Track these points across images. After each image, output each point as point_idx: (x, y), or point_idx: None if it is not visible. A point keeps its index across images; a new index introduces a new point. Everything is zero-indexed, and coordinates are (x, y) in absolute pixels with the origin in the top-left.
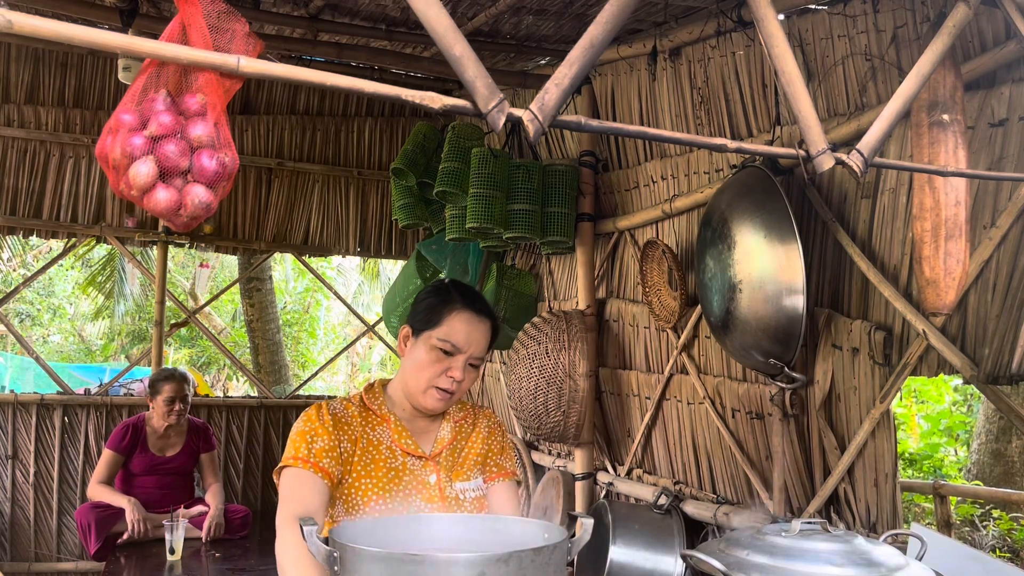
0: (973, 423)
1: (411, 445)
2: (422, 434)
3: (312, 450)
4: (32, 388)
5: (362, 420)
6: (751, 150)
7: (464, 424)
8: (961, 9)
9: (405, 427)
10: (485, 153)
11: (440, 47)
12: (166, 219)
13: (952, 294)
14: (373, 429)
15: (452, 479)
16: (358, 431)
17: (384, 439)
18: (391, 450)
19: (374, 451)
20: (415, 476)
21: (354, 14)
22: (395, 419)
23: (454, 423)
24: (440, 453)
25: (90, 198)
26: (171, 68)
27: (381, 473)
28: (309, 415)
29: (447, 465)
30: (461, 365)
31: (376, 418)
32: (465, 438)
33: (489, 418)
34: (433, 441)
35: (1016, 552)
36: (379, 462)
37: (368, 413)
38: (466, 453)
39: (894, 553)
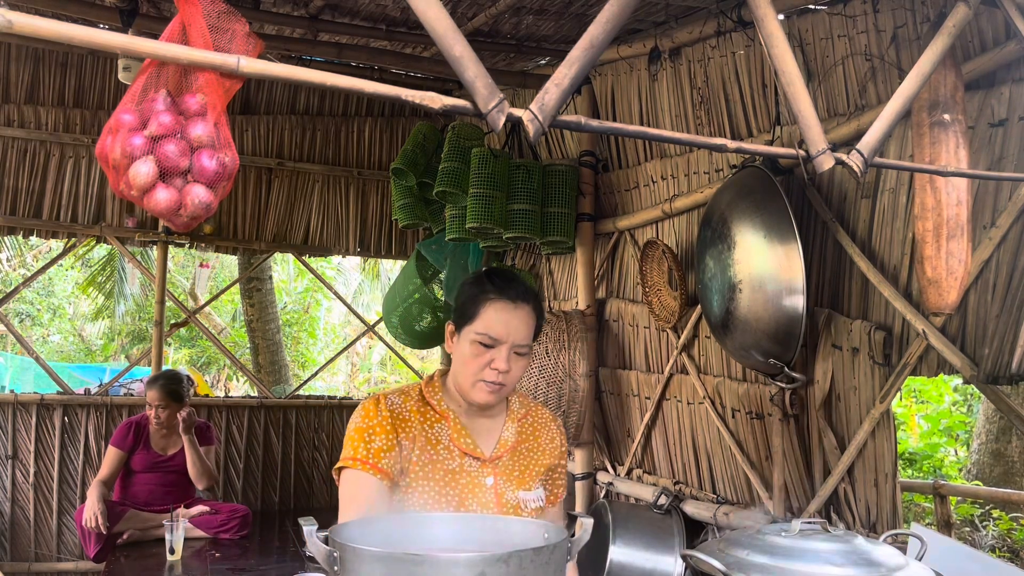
0: (973, 423)
1: (470, 445)
2: (484, 433)
3: (371, 450)
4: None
5: (420, 416)
6: (751, 150)
7: (526, 424)
8: (961, 9)
9: (464, 425)
10: (485, 153)
11: (440, 47)
12: (166, 219)
13: (954, 294)
14: (432, 426)
15: (515, 486)
16: (416, 428)
17: (443, 437)
18: (448, 450)
19: (432, 451)
20: (472, 479)
21: (354, 14)
22: (454, 416)
23: (518, 423)
24: (501, 456)
25: (90, 198)
26: (171, 68)
27: (439, 475)
28: (367, 410)
29: (508, 469)
30: (504, 356)
31: (435, 415)
32: (531, 442)
33: (558, 426)
34: (496, 442)
35: (1016, 552)
36: (436, 463)
37: (427, 409)
38: (532, 461)
39: (894, 553)
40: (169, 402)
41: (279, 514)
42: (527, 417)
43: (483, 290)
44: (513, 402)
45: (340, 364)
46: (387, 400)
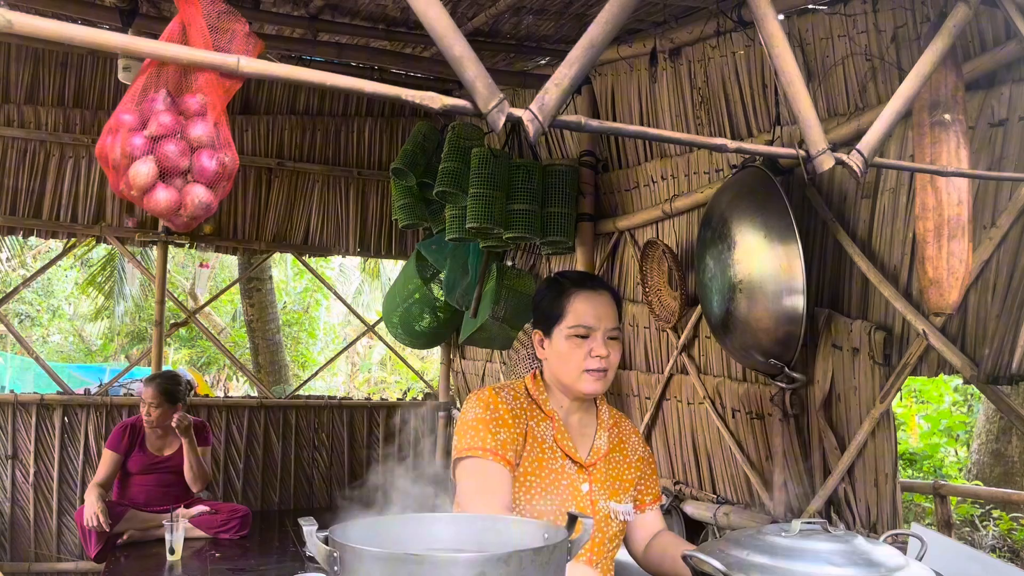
0: (973, 423)
1: (571, 448)
2: (579, 438)
3: (498, 440)
4: (32, 388)
5: (528, 412)
6: (751, 150)
7: (615, 434)
8: (961, 9)
9: (565, 428)
10: (485, 153)
11: (440, 47)
12: (166, 219)
13: (955, 294)
14: (539, 424)
15: (608, 495)
16: (527, 424)
17: (547, 437)
18: (553, 450)
19: (539, 449)
20: (571, 482)
21: (354, 14)
22: (557, 417)
23: (608, 431)
24: (595, 463)
25: (90, 198)
26: (171, 68)
27: (545, 473)
28: (487, 403)
29: (602, 477)
30: (601, 341)
31: (541, 413)
32: (620, 452)
33: (639, 438)
34: (590, 448)
35: (1016, 552)
36: (543, 461)
37: (534, 407)
38: (621, 473)
39: (894, 553)
40: (162, 401)
41: (279, 514)
42: (615, 427)
43: (563, 289)
44: (603, 411)
45: (340, 364)
46: (501, 395)
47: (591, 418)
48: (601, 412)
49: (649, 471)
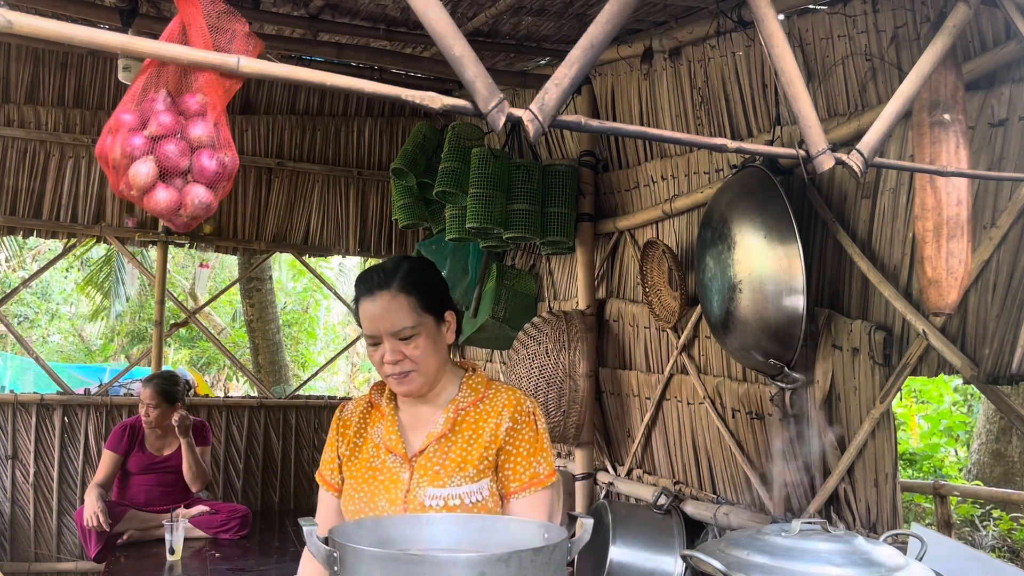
0: (973, 423)
1: (394, 441)
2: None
3: (323, 462)
4: (32, 388)
5: (362, 419)
6: (751, 150)
7: (473, 413)
8: (961, 9)
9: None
10: (485, 153)
11: (440, 47)
12: (166, 219)
13: (954, 294)
14: (372, 426)
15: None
16: (353, 431)
17: (375, 437)
18: (376, 448)
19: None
20: (390, 475)
21: (354, 14)
22: (391, 412)
23: (456, 412)
24: (424, 450)
25: (90, 198)
26: (171, 68)
27: (360, 475)
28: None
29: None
30: (389, 347)
31: (377, 414)
32: (472, 430)
33: (515, 406)
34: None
35: (1016, 552)
36: (363, 461)
37: (371, 409)
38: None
39: (894, 553)
40: (160, 401)
41: (279, 514)
42: (478, 404)
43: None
44: (463, 390)
45: (340, 364)
46: (343, 408)
47: (442, 400)
48: (461, 390)
49: (520, 452)
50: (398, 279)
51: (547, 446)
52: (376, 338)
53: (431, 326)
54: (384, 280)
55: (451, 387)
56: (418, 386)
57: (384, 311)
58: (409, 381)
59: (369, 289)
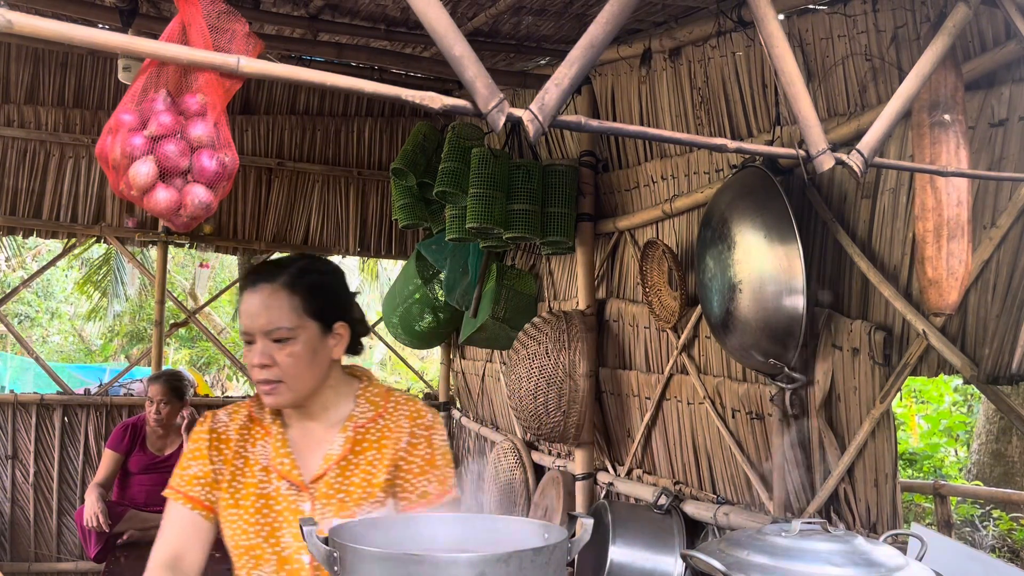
0: (973, 423)
1: (286, 466)
2: (314, 449)
3: (185, 476)
4: (32, 388)
5: (241, 435)
6: (751, 150)
7: (373, 430)
8: (961, 9)
9: (287, 441)
10: (485, 153)
11: (440, 47)
12: (166, 219)
13: (955, 294)
14: (253, 445)
15: (335, 511)
16: (232, 451)
17: (261, 458)
18: (265, 471)
19: (243, 475)
20: (288, 505)
21: (354, 14)
22: (278, 430)
23: (355, 431)
24: (323, 475)
25: (90, 198)
26: (171, 68)
27: (249, 503)
28: (195, 431)
29: (330, 491)
30: (260, 348)
31: (260, 430)
32: (374, 449)
33: (414, 419)
34: (322, 458)
35: (1016, 552)
36: (249, 487)
37: (252, 426)
38: (364, 478)
39: (894, 553)
40: (171, 398)
41: None
42: (378, 420)
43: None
44: (359, 403)
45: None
46: (213, 418)
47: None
48: (358, 405)
49: (412, 470)
50: (286, 274)
51: (442, 463)
52: (250, 336)
53: (313, 334)
54: (271, 274)
55: (344, 402)
56: (285, 400)
57: (261, 306)
58: (276, 393)
59: (253, 281)
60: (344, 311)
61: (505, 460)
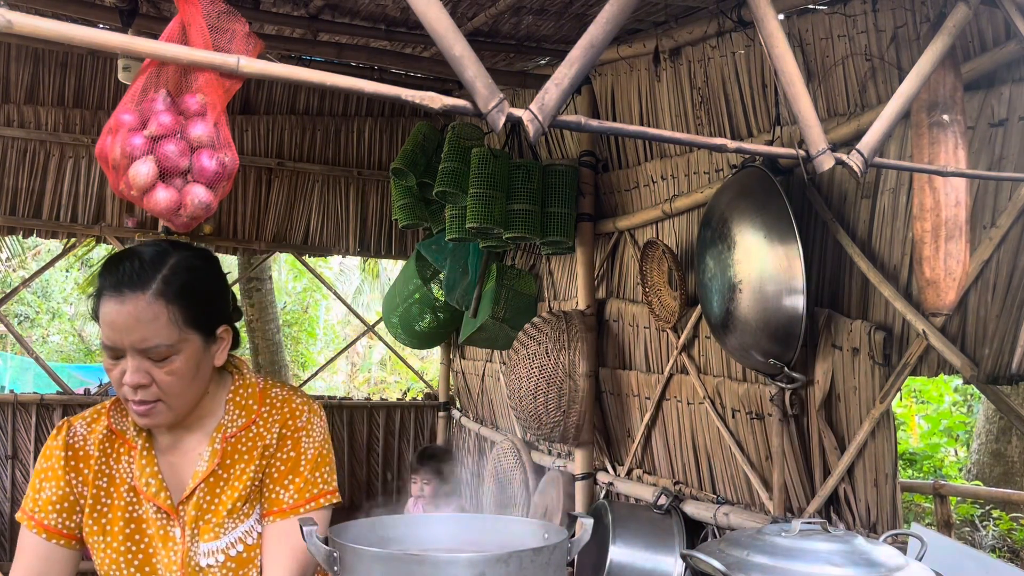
0: (973, 423)
1: (152, 487)
2: (183, 465)
3: (39, 500)
4: (32, 388)
5: (103, 450)
6: (751, 150)
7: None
8: (961, 9)
9: (153, 459)
10: (485, 153)
11: (440, 47)
12: (166, 219)
13: (952, 294)
14: (117, 461)
15: (200, 535)
16: (94, 468)
17: (127, 476)
18: (133, 491)
19: (108, 496)
20: (158, 530)
21: (354, 14)
22: (144, 444)
23: (223, 442)
24: (191, 496)
25: (90, 198)
26: (171, 68)
27: (118, 528)
28: (47, 447)
29: (197, 513)
30: (133, 366)
31: (121, 444)
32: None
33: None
34: (190, 476)
35: (1016, 552)
36: (116, 511)
37: (113, 438)
38: (224, 492)
39: (894, 553)
40: None
41: None
42: (250, 428)
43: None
44: (228, 409)
45: (340, 364)
46: (69, 430)
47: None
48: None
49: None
50: (159, 281)
51: (306, 469)
52: (117, 351)
53: (196, 345)
54: (139, 279)
55: (218, 407)
56: (163, 421)
57: (133, 320)
58: (153, 414)
59: (118, 288)
60: (223, 311)
61: (505, 460)
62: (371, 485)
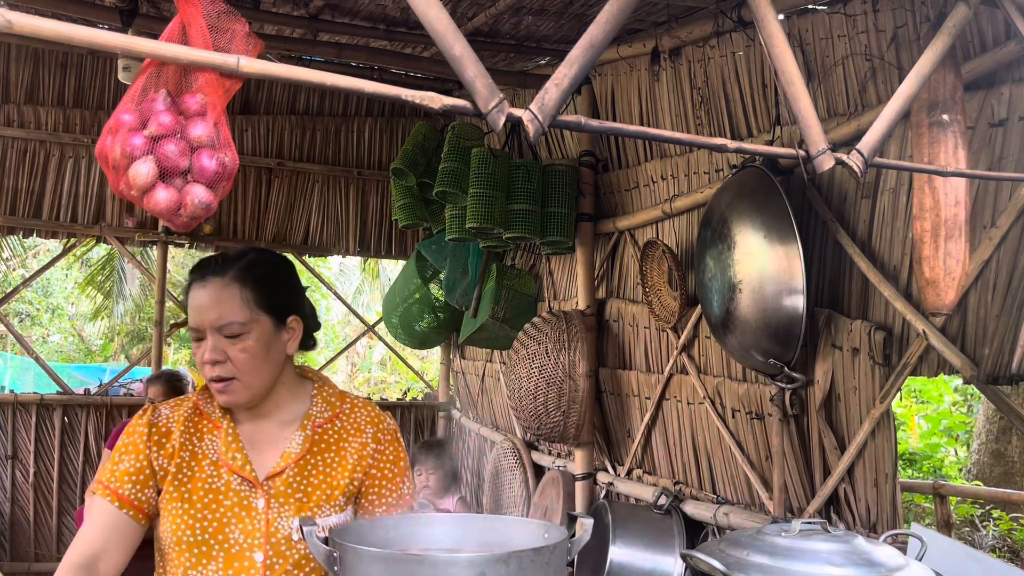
0: (973, 423)
1: (238, 460)
2: (267, 444)
3: (116, 472)
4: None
5: (187, 428)
6: (751, 150)
7: (331, 431)
8: (961, 9)
9: (238, 436)
10: (485, 153)
11: (440, 47)
12: (166, 219)
13: (952, 294)
14: (201, 439)
15: (293, 511)
16: (177, 443)
17: (210, 452)
18: (215, 466)
19: (190, 469)
20: (239, 500)
21: (354, 14)
22: (229, 424)
23: (315, 429)
24: (281, 473)
25: (90, 198)
26: (171, 68)
27: (197, 497)
28: (130, 425)
29: (288, 490)
30: (211, 344)
31: (208, 424)
32: (332, 452)
33: (376, 423)
34: (279, 455)
35: (1016, 552)
36: (196, 482)
37: (199, 419)
38: (328, 478)
39: (894, 553)
40: (171, 398)
41: None
42: (335, 420)
43: (188, 280)
44: (316, 403)
45: (340, 364)
46: (154, 412)
47: (294, 414)
48: (315, 403)
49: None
50: (236, 268)
51: (406, 465)
52: (200, 332)
53: (266, 328)
54: (220, 267)
55: (298, 401)
56: (240, 399)
57: (212, 300)
58: (230, 391)
59: (202, 275)
60: (296, 304)
61: (505, 460)
62: None
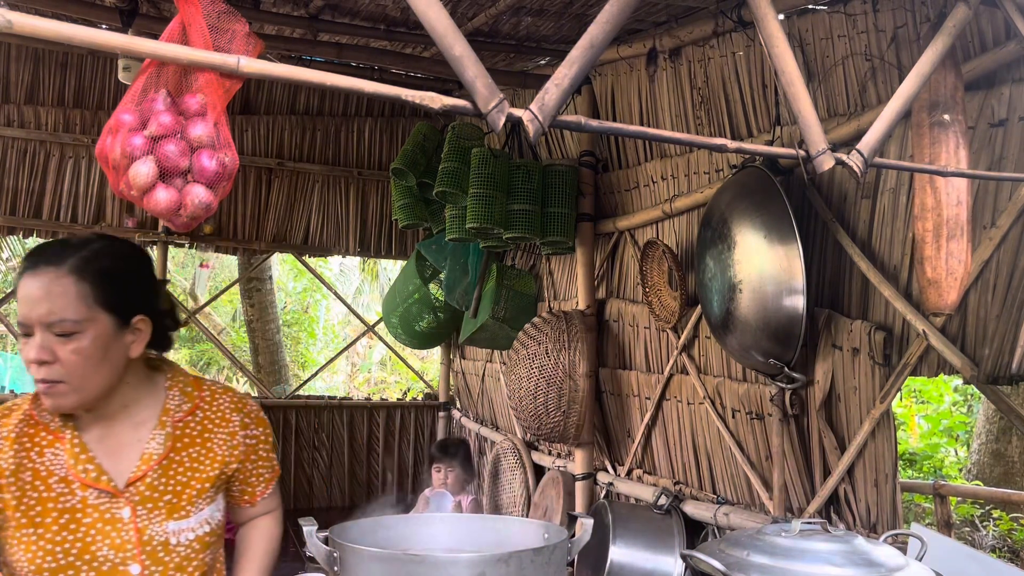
0: (973, 423)
1: (91, 472)
2: (122, 450)
3: None
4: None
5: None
6: (751, 150)
7: (192, 424)
8: (961, 9)
9: (86, 445)
10: (485, 153)
11: (440, 47)
12: (166, 219)
13: (954, 294)
14: (41, 454)
15: (165, 515)
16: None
17: (56, 468)
18: (65, 483)
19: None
20: (102, 515)
21: (354, 14)
22: (72, 433)
23: (174, 425)
24: (143, 477)
25: (90, 198)
26: (171, 68)
27: (51, 519)
28: None
29: (155, 493)
30: (38, 342)
31: (46, 436)
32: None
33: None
34: (138, 458)
35: (1016, 552)
36: (46, 503)
37: (35, 431)
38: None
39: (894, 553)
40: None
41: None
42: (196, 412)
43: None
44: (172, 396)
45: (340, 364)
46: None
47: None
48: (170, 398)
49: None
50: (76, 258)
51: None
52: (28, 327)
53: (105, 328)
54: (57, 255)
55: (150, 397)
56: (67, 403)
57: (42, 293)
58: (55, 394)
59: (35, 263)
60: (145, 302)
61: (505, 460)
62: (371, 485)
